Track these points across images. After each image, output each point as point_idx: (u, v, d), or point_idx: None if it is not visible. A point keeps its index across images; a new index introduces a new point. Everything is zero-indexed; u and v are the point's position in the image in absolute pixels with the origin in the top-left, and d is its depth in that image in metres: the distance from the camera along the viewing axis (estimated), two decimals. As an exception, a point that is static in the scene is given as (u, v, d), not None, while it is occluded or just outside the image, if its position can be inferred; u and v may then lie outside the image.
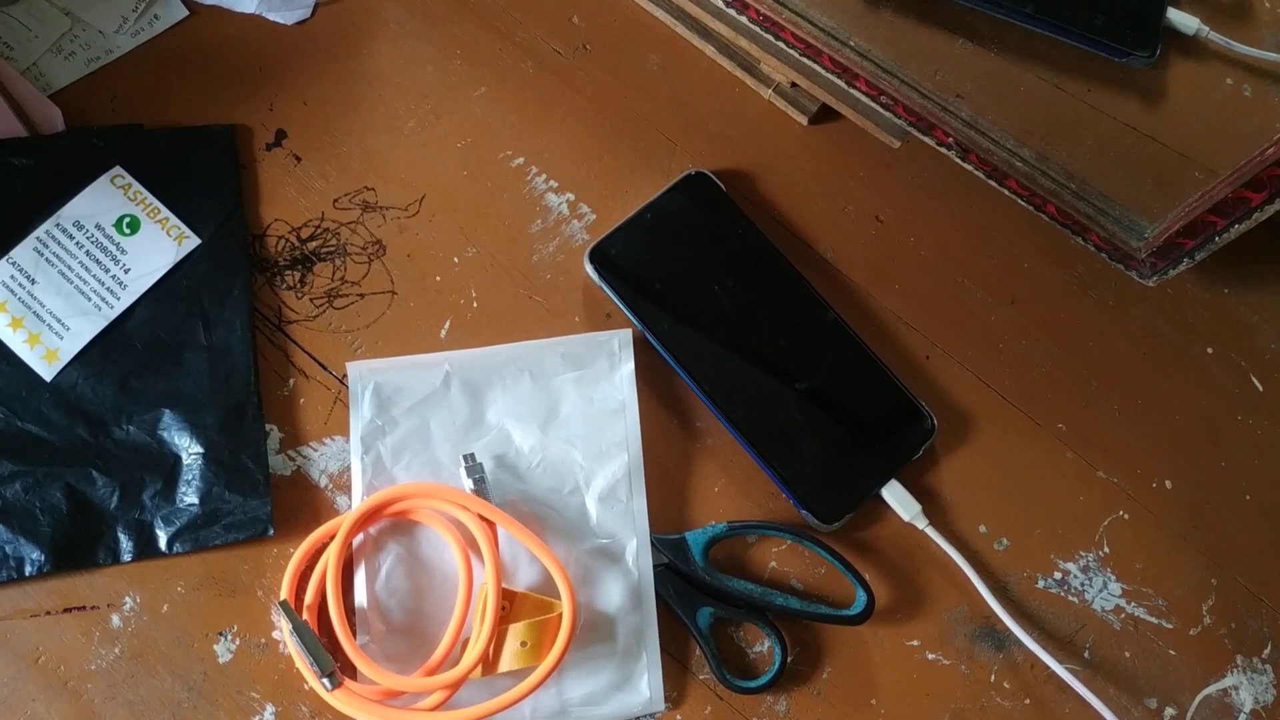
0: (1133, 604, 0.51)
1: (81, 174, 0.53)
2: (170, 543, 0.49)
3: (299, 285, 0.54)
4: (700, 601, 0.49)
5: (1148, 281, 0.52)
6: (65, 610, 0.48)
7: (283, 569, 0.48)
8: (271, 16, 0.58)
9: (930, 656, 0.50)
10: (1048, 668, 0.48)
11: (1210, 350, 0.56)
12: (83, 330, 0.51)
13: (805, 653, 0.49)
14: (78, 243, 0.52)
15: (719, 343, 0.53)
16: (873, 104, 0.54)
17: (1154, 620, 0.51)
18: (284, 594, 0.47)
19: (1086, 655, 0.50)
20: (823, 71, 0.55)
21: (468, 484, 0.49)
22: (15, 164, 0.53)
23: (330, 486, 0.51)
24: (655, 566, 0.49)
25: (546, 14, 0.60)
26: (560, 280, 0.55)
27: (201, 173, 0.54)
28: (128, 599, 0.49)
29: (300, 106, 0.57)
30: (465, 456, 0.49)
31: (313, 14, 0.59)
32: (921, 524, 0.50)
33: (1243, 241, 0.47)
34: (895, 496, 0.51)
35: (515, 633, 0.46)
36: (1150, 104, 0.52)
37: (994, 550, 0.52)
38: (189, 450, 0.50)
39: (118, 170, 0.54)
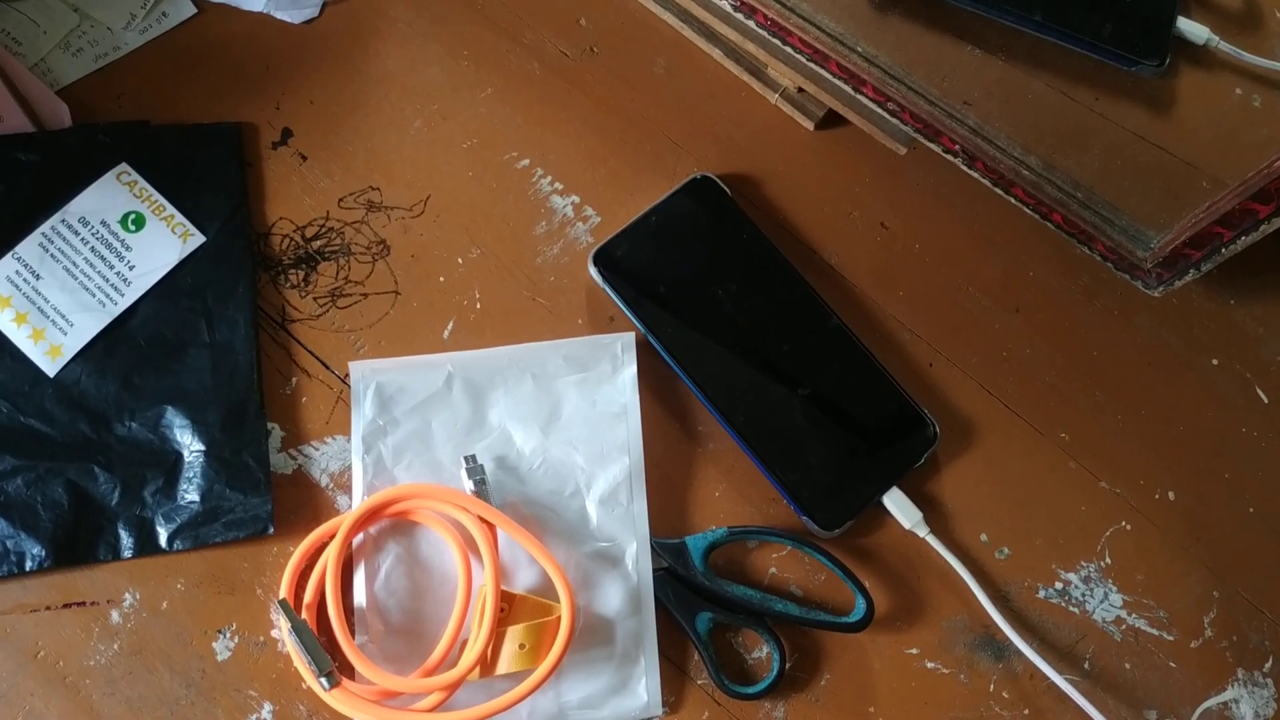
0: (1134, 615, 0.51)
1: (88, 170, 0.53)
2: (170, 540, 0.49)
3: (303, 284, 0.54)
4: (699, 606, 0.49)
5: (1153, 292, 0.52)
6: (65, 606, 0.48)
7: (282, 568, 0.48)
8: (279, 15, 0.58)
9: (929, 665, 0.50)
10: (1047, 678, 0.48)
11: (1215, 362, 0.55)
12: (86, 326, 0.51)
13: (804, 659, 0.49)
14: (83, 239, 0.52)
15: (722, 347, 0.53)
16: (879, 110, 0.54)
17: (1155, 632, 0.51)
18: (283, 593, 0.47)
19: (1086, 666, 0.50)
20: (829, 77, 0.55)
21: (468, 485, 0.49)
22: (22, 159, 0.53)
23: (331, 486, 0.51)
24: (655, 571, 0.49)
25: (554, 16, 0.60)
26: (564, 282, 0.55)
27: (207, 170, 0.55)
28: (127, 595, 0.49)
29: (307, 105, 0.57)
30: (466, 458, 0.49)
31: (320, 13, 0.59)
32: (922, 532, 0.50)
33: (1249, 253, 0.46)
34: (896, 504, 0.51)
35: (514, 635, 0.46)
36: (1158, 113, 0.52)
37: (995, 559, 0.51)
38: (190, 447, 0.50)
39: (124, 167, 0.54)
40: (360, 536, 0.49)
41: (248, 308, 0.52)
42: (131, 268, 0.52)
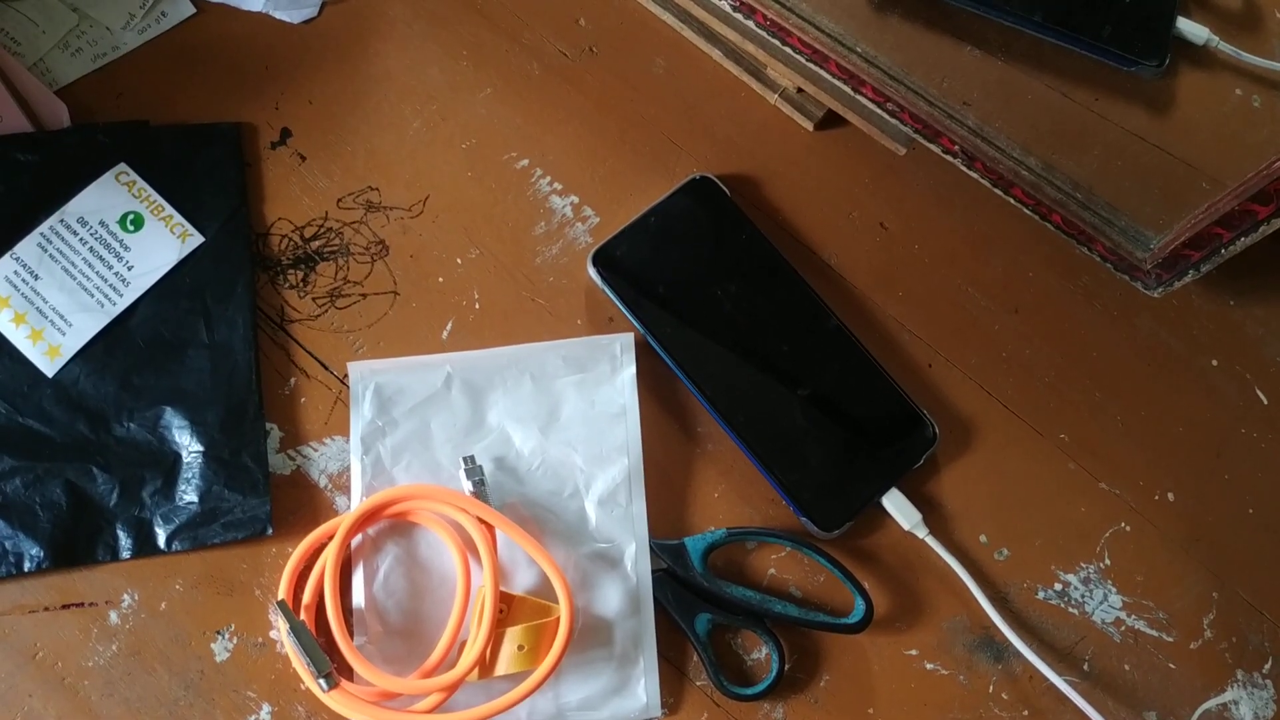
0: (1133, 616, 0.51)
1: (86, 170, 0.53)
2: (169, 540, 0.49)
3: (301, 284, 0.54)
4: (698, 607, 0.49)
5: (1153, 293, 0.52)
6: (64, 606, 0.48)
7: (281, 568, 0.48)
8: (278, 15, 0.58)
9: (929, 666, 0.50)
10: (1046, 679, 0.48)
11: (1215, 362, 0.55)
12: (85, 327, 0.51)
13: (803, 660, 0.49)
14: (81, 239, 0.52)
15: (721, 348, 0.52)
16: (879, 110, 0.54)
17: (1154, 633, 0.51)
18: (282, 594, 0.47)
19: (1086, 667, 0.50)
20: (829, 77, 0.55)
21: (467, 486, 0.49)
22: (21, 159, 0.53)
23: (330, 486, 0.51)
24: (654, 572, 0.49)
25: (553, 16, 0.60)
26: (563, 283, 0.55)
27: (206, 170, 0.54)
28: (126, 596, 0.49)
29: (306, 105, 0.57)
30: (465, 458, 0.49)
31: (320, 13, 0.59)
32: (922, 533, 0.50)
33: (1249, 254, 0.46)
34: (896, 505, 0.51)
35: (512, 636, 0.46)
36: (1158, 114, 0.52)
37: (994, 560, 0.51)
38: (189, 448, 0.50)
39: (123, 167, 0.54)
40: (359, 537, 0.49)
41: (246, 308, 0.52)
42: (130, 268, 0.52)
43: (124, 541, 0.49)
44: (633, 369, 0.52)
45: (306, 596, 0.47)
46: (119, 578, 0.49)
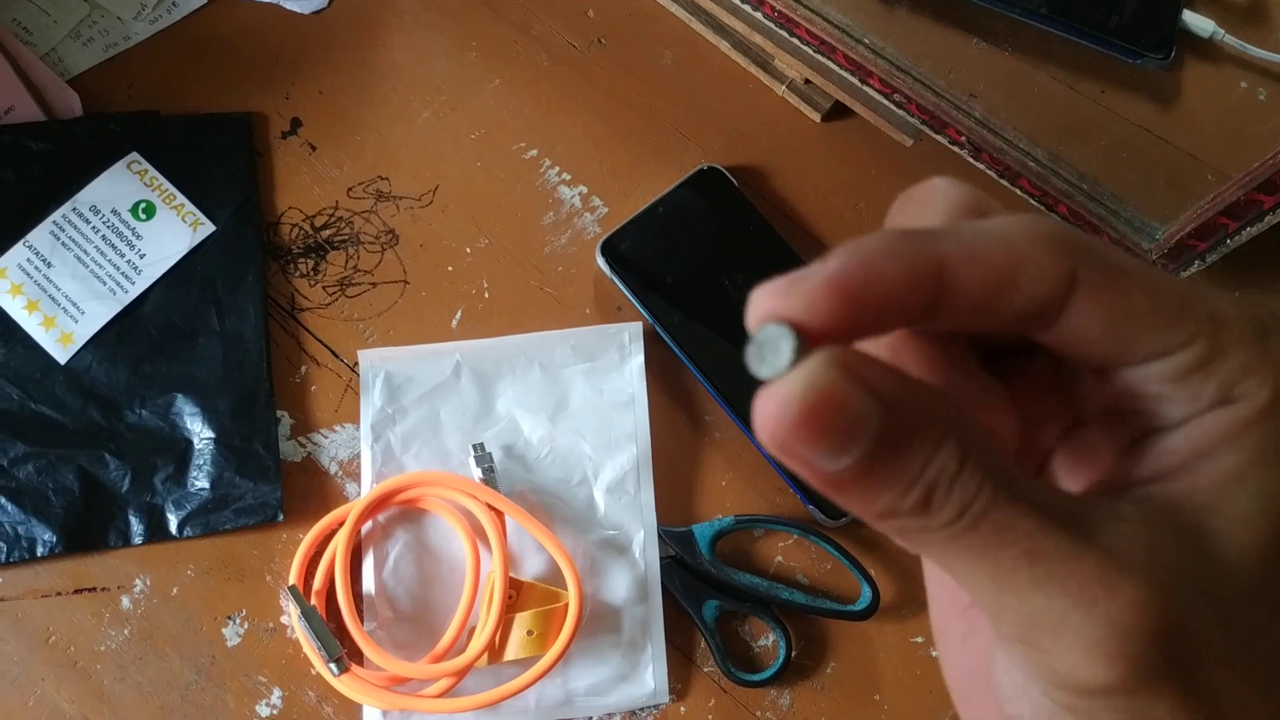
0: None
1: (98, 159, 0.54)
2: (181, 526, 0.49)
3: (312, 273, 0.54)
4: (706, 594, 0.49)
5: (1158, 283, 0.52)
6: (76, 591, 0.49)
7: (292, 554, 0.49)
8: (289, 5, 0.59)
9: (934, 653, 0.50)
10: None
11: (1219, 353, 0.56)
12: (97, 314, 0.52)
13: (810, 647, 0.50)
14: (94, 227, 0.53)
15: (729, 337, 0.53)
16: (886, 102, 0.55)
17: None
18: (292, 579, 0.47)
19: (1090, 655, 0.50)
20: (836, 68, 0.55)
21: (476, 473, 0.49)
22: (33, 148, 0.53)
23: (340, 473, 0.51)
24: (662, 559, 0.50)
25: (562, 8, 0.60)
26: (571, 272, 0.55)
27: (217, 160, 0.55)
28: (138, 581, 0.49)
29: (316, 95, 0.57)
30: (474, 446, 0.50)
31: (329, 4, 0.59)
32: (928, 521, 0.50)
33: (1254, 244, 0.47)
34: (902, 493, 0.51)
35: (521, 622, 0.46)
36: (1164, 106, 0.52)
37: (1000, 549, 0.52)
38: (201, 435, 0.50)
39: (134, 156, 0.54)
40: (369, 524, 0.49)
41: (257, 296, 0.53)
42: (142, 256, 0.53)
43: (136, 527, 0.49)
44: (641, 358, 0.52)
45: (317, 582, 0.48)
46: (131, 563, 0.49)
